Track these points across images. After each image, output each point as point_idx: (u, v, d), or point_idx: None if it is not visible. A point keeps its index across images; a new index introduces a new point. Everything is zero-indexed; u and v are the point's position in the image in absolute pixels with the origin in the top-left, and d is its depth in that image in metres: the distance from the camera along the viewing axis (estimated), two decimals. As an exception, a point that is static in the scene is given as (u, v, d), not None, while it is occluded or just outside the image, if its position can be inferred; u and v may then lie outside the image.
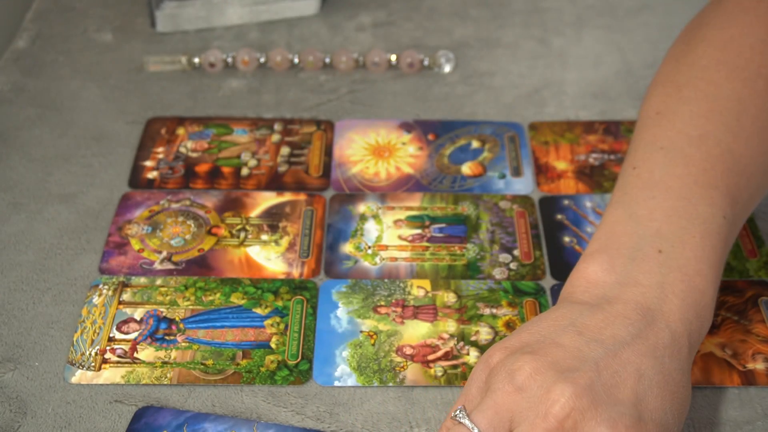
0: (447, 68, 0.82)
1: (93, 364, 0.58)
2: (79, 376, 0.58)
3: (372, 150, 0.74)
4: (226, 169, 0.72)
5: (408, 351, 0.59)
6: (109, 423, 0.55)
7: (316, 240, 0.66)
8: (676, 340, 0.48)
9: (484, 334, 0.60)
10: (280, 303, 0.62)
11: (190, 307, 0.62)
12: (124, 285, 0.63)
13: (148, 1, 0.85)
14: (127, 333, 0.60)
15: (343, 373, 0.58)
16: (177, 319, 0.61)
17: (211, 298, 0.62)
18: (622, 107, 0.78)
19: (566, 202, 0.69)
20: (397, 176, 0.72)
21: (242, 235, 0.67)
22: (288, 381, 0.57)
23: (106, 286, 0.63)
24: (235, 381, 0.57)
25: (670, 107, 0.57)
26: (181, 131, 0.75)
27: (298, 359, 0.59)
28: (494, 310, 0.61)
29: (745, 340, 0.60)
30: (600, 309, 0.49)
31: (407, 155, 0.73)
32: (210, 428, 0.54)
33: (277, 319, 0.61)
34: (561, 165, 0.72)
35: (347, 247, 0.66)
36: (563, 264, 0.65)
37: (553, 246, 0.66)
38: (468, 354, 0.59)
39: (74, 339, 0.60)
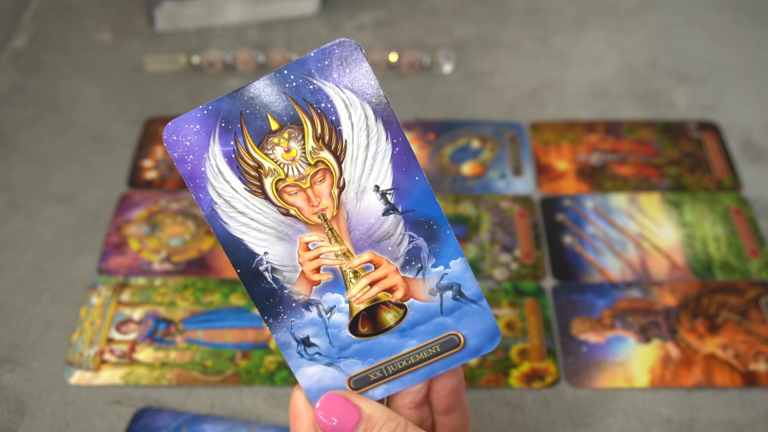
0: (447, 68, 0.82)
1: (92, 364, 0.58)
2: (78, 377, 0.57)
3: (372, 150, 0.74)
4: (225, 169, 0.72)
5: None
6: (108, 424, 0.55)
7: (316, 240, 0.66)
8: None
9: (484, 334, 0.60)
10: (279, 303, 0.62)
11: (189, 307, 0.61)
12: (123, 285, 0.63)
13: (146, 0, 0.85)
14: (125, 333, 0.60)
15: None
16: (176, 319, 0.61)
17: (210, 298, 0.62)
18: (623, 107, 0.78)
19: (567, 202, 0.69)
20: (397, 176, 0.71)
21: (242, 235, 0.66)
22: (287, 382, 0.57)
23: (104, 287, 0.63)
24: (234, 382, 0.57)
25: None
26: (180, 131, 0.75)
27: (298, 360, 0.58)
28: (495, 311, 0.61)
29: (747, 341, 0.59)
30: None
31: (407, 155, 0.73)
32: (209, 430, 0.54)
33: (277, 320, 0.61)
34: (562, 165, 0.72)
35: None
36: (564, 264, 0.64)
37: (553, 246, 0.66)
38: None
39: (73, 340, 0.59)
